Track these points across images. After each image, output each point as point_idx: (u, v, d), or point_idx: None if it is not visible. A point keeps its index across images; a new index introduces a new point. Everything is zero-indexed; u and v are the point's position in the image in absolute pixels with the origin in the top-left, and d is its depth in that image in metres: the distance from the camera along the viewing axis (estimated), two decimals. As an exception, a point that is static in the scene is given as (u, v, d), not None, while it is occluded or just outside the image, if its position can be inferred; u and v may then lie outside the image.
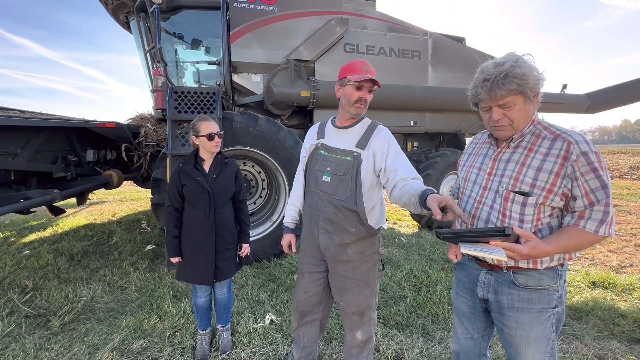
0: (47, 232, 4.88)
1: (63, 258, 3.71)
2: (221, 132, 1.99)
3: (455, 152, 5.18)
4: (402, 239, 4.57)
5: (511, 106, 1.07)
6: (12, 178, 3.00)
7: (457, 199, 1.35)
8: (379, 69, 4.53)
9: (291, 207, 1.87)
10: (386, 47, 4.63)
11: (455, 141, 5.86)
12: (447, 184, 5.13)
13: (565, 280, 1.16)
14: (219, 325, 2.24)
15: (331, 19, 4.32)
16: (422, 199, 1.19)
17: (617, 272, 3.48)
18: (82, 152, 3.65)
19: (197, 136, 1.94)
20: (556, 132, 1.08)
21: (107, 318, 2.54)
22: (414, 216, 5.26)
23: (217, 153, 2.04)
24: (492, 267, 1.19)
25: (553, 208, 1.08)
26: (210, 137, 1.92)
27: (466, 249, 1.09)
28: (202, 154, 2.01)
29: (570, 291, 2.99)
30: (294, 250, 1.85)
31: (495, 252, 1.02)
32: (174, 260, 1.99)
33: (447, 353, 2.13)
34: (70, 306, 2.66)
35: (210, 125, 1.94)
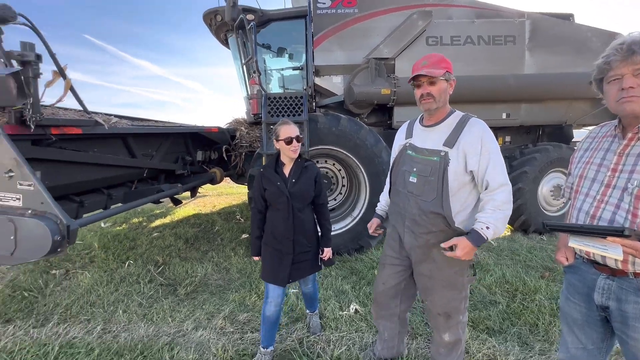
0: (167, 219, 5.95)
1: (181, 241, 4.50)
2: (301, 136, 1.95)
3: (559, 146, 4.54)
4: (492, 242, 4.21)
5: None
6: (146, 175, 3.78)
7: (570, 198, 1.25)
8: (466, 60, 4.29)
9: (381, 199, 1.99)
10: (474, 35, 4.31)
11: (558, 134, 5.12)
12: (548, 183, 4.54)
13: None
14: (307, 311, 2.45)
15: (412, 13, 4.23)
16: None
17: None
18: (194, 153, 4.37)
19: (277, 140, 1.93)
20: None
21: (217, 292, 3.03)
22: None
23: (297, 157, 2.00)
24: (615, 273, 1.08)
25: None
26: (288, 141, 1.90)
27: (576, 243, 1.04)
28: (283, 157, 2.01)
29: None
30: (371, 230, 1.90)
31: (610, 250, 0.95)
32: (255, 258, 2.08)
33: (550, 366, 1.95)
34: (190, 280, 3.25)
35: (289, 129, 1.90)
